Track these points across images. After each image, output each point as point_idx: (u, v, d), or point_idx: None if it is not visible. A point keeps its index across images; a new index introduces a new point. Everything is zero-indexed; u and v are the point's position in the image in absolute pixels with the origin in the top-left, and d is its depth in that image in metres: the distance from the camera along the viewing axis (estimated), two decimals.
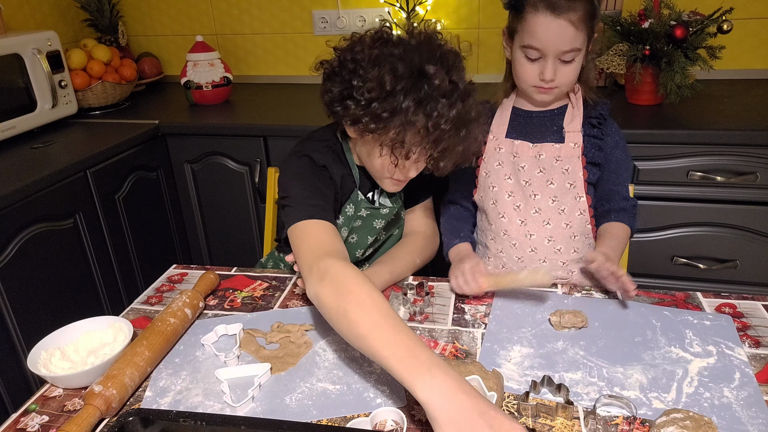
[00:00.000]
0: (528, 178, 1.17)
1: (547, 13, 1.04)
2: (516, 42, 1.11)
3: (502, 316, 1.00)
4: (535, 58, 1.09)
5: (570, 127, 1.16)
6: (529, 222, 1.18)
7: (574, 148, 1.15)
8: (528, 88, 1.14)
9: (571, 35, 1.05)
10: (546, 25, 1.04)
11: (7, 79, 1.75)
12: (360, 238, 1.18)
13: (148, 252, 1.93)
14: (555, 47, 1.06)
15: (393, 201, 1.19)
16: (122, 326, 0.96)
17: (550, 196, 1.16)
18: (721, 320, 0.96)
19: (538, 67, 1.09)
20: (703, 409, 0.78)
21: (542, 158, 1.16)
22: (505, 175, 1.18)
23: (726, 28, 1.63)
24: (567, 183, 1.16)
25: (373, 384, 0.86)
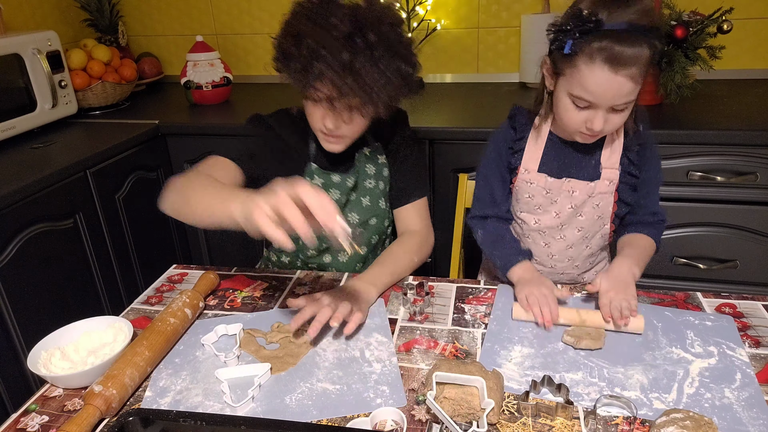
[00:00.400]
0: (558, 211, 1.12)
1: (605, 67, 0.90)
2: (562, 84, 0.99)
3: (502, 316, 1.00)
4: (584, 107, 0.97)
5: (608, 163, 1.08)
6: (553, 245, 1.17)
7: (609, 185, 1.08)
8: (571, 132, 1.04)
9: (630, 90, 0.93)
10: (602, 80, 0.91)
11: (7, 79, 1.75)
12: None
13: (148, 252, 1.93)
14: (609, 102, 0.94)
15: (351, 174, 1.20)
16: (122, 326, 0.96)
17: (577, 227, 1.14)
18: (722, 321, 0.96)
19: (586, 115, 0.98)
20: (703, 409, 0.78)
21: (575, 194, 1.10)
22: (535, 205, 1.14)
23: (726, 28, 1.63)
24: (596, 215, 1.12)
25: (373, 384, 0.86)
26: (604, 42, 0.89)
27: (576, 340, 0.91)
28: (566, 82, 0.98)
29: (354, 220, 1.21)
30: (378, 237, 1.26)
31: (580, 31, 0.91)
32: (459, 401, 0.77)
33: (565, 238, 1.16)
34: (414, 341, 0.95)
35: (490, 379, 0.78)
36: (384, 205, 1.25)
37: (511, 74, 2.23)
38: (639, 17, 0.90)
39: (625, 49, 0.88)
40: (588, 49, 0.91)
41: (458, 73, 2.30)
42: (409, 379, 0.86)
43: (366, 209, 1.22)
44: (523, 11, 2.12)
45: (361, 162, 1.22)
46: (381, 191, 1.24)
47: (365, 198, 1.22)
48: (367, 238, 1.24)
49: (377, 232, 1.25)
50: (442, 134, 1.71)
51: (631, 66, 0.90)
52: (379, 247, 1.29)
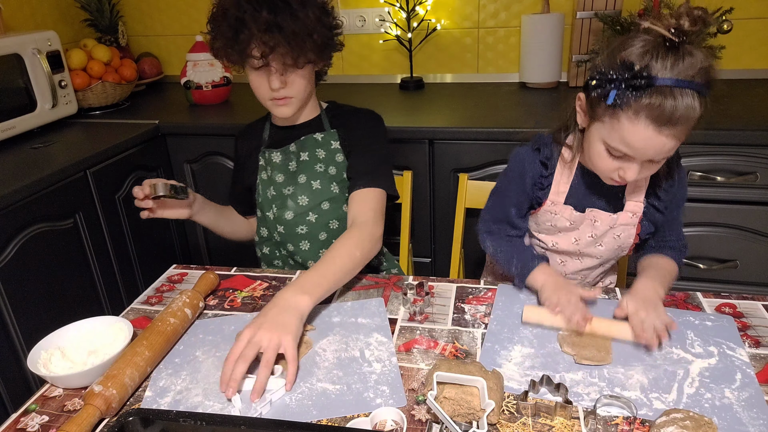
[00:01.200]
0: (578, 238, 1.10)
1: (650, 126, 0.83)
2: (598, 129, 0.92)
3: (503, 316, 1.00)
4: (619, 156, 0.91)
5: (632, 196, 1.04)
6: (569, 264, 1.16)
7: (631, 218, 1.05)
8: (601, 176, 0.99)
9: (671, 147, 0.87)
10: (644, 138, 0.85)
11: (7, 79, 1.75)
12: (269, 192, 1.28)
13: (148, 252, 1.93)
14: (648, 157, 0.89)
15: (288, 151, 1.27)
16: (122, 326, 0.96)
17: (596, 256, 1.13)
18: (722, 321, 0.96)
19: (620, 164, 0.92)
20: (704, 409, 0.78)
21: (597, 224, 1.07)
22: (557, 232, 1.12)
23: (726, 28, 1.63)
24: (616, 245, 1.10)
25: (373, 384, 0.86)
26: (653, 99, 0.82)
27: (575, 352, 0.89)
28: (603, 129, 0.91)
29: (303, 203, 1.26)
30: (338, 222, 1.27)
31: (628, 85, 0.83)
32: (459, 401, 0.77)
33: (582, 261, 1.15)
34: (414, 341, 0.95)
35: (490, 379, 0.78)
36: (338, 191, 1.26)
37: (511, 74, 2.23)
38: (694, 73, 0.83)
39: (674, 109, 0.82)
40: (635, 105, 0.83)
41: (458, 73, 2.30)
42: (409, 379, 0.87)
43: (316, 192, 1.25)
44: (523, 11, 2.13)
45: (311, 145, 1.26)
46: (333, 176, 1.26)
47: (315, 181, 1.25)
48: (323, 223, 1.27)
49: (334, 216, 1.27)
50: (442, 134, 1.72)
51: (678, 125, 0.84)
52: None
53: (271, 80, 1.15)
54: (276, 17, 1.07)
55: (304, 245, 1.27)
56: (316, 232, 1.26)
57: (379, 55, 2.33)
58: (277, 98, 1.18)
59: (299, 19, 1.09)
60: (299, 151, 1.26)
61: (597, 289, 1.02)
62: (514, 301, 1.04)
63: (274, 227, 1.28)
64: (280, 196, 1.26)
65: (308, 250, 1.28)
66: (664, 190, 1.04)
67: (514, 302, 1.04)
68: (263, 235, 1.33)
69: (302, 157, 1.26)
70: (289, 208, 1.26)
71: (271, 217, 1.28)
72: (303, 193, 1.25)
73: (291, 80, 1.16)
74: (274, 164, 1.28)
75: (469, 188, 1.47)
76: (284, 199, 1.26)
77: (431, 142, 1.74)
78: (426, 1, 2.15)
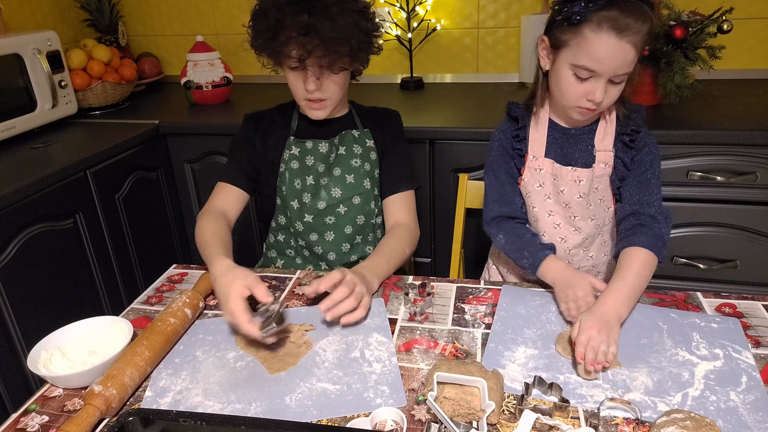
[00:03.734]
0: (568, 201, 1.13)
1: (612, 33, 0.94)
2: (563, 57, 1.02)
3: (507, 317, 1.00)
4: (586, 78, 1.00)
5: (601, 145, 1.10)
6: (569, 238, 1.17)
7: (605, 168, 1.10)
8: (570, 108, 1.06)
9: (632, 58, 0.97)
10: (609, 46, 0.95)
11: (7, 79, 1.75)
12: (301, 181, 1.27)
13: (148, 252, 1.93)
14: (612, 70, 0.97)
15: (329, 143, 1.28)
16: (122, 326, 0.96)
17: (589, 216, 1.15)
18: (728, 323, 0.95)
19: (587, 87, 1.01)
20: (708, 412, 0.77)
21: (582, 183, 1.11)
22: (545, 195, 1.15)
23: (726, 28, 1.63)
24: (598, 199, 1.13)
25: (373, 384, 0.86)
26: (612, 11, 0.94)
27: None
28: (570, 53, 1.00)
29: (337, 195, 1.27)
30: (364, 218, 1.30)
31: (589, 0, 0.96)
32: (459, 401, 0.77)
33: (580, 230, 1.16)
34: (414, 341, 0.95)
35: (490, 379, 0.78)
36: (369, 186, 1.29)
37: (511, 74, 2.23)
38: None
39: (630, 18, 0.94)
40: (596, 17, 0.95)
41: (458, 73, 2.30)
42: (409, 379, 0.86)
43: (349, 186, 1.27)
44: (523, 11, 2.13)
45: (349, 140, 1.29)
46: (366, 172, 1.29)
47: (350, 175, 1.27)
48: (351, 217, 1.28)
49: (362, 212, 1.29)
50: (442, 134, 1.72)
51: (635, 33, 0.95)
52: (368, 230, 1.32)
53: (307, 82, 1.16)
54: (315, 21, 1.08)
55: (328, 236, 1.29)
56: (343, 225, 1.29)
57: (380, 55, 2.33)
58: (311, 99, 1.19)
59: (337, 23, 1.09)
60: (339, 144, 1.28)
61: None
62: (518, 302, 1.04)
63: (298, 216, 1.28)
64: (316, 185, 1.27)
65: (332, 241, 1.29)
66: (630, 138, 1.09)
67: (518, 303, 1.04)
68: (280, 222, 1.32)
69: (340, 150, 1.28)
70: (322, 198, 1.27)
71: (296, 207, 1.27)
72: (337, 185, 1.27)
73: (326, 84, 1.17)
74: (318, 154, 1.27)
75: (469, 188, 1.47)
76: (319, 189, 1.27)
77: (431, 142, 1.74)
78: (426, 1, 2.16)
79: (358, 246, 1.30)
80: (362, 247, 1.31)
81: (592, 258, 1.21)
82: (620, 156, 1.10)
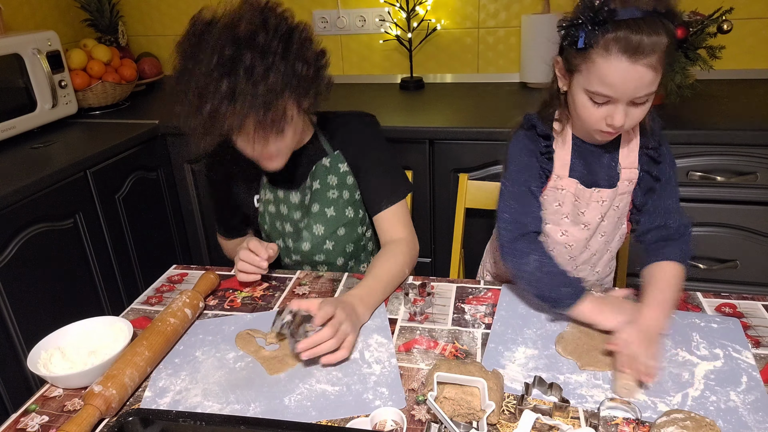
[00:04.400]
0: (588, 222, 1.09)
1: (622, 58, 0.86)
2: (577, 82, 0.94)
3: (507, 317, 1.00)
4: (603, 102, 0.92)
5: (626, 162, 1.04)
6: (578, 257, 1.15)
7: (628, 186, 1.05)
8: (590, 130, 0.99)
9: (650, 80, 0.88)
10: (621, 71, 0.87)
11: (7, 79, 1.75)
12: (281, 224, 1.23)
13: (148, 252, 1.93)
14: (630, 94, 0.89)
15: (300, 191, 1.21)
16: (122, 326, 0.96)
17: (601, 233, 1.11)
18: (728, 323, 0.95)
19: (606, 111, 0.93)
20: (708, 412, 0.77)
21: (604, 204, 1.06)
22: (563, 215, 1.09)
23: (726, 28, 1.63)
24: (616, 217, 1.09)
25: (372, 386, 0.86)
26: (619, 32, 0.85)
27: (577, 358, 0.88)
28: (582, 78, 0.93)
29: (319, 232, 1.20)
30: (353, 245, 1.24)
31: (593, 22, 0.87)
32: (459, 401, 0.77)
33: (590, 247, 1.13)
34: (414, 341, 0.95)
35: (490, 379, 0.78)
36: (352, 214, 1.21)
37: (511, 74, 2.23)
38: (655, 2, 0.86)
39: (642, 38, 0.84)
40: (603, 40, 0.87)
41: (458, 73, 2.30)
42: (409, 379, 0.86)
43: (331, 220, 1.20)
44: (523, 11, 2.12)
45: (321, 173, 1.19)
46: (347, 200, 1.20)
47: (329, 209, 1.19)
48: (341, 249, 1.23)
49: (350, 240, 1.23)
50: (442, 134, 1.71)
51: (650, 54, 0.85)
52: (359, 251, 1.27)
53: (252, 148, 1.04)
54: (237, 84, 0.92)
55: (321, 268, 1.25)
56: (334, 258, 1.24)
57: (379, 55, 2.33)
58: (261, 158, 1.08)
59: (265, 85, 0.93)
60: (311, 180, 1.19)
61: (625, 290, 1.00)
62: (518, 302, 1.04)
63: (287, 254, 1.25)
64: (296, 230, 1.22)
65: (327, 269, 1.26)
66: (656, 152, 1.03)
67: (518, 303, 1.04)
68: None
69: (314, 186, 1.19)
70: (305, 240, 1.21)
71: (282, 246, 1.24)
72: (317, 222, 1.20)
73: (273, 141, 1.03)
74: (291, 204, 1.21)
75: (469, 188, 1.47)
76: (299, 231, 1.21)
77: (431, 142, 1.74)
78: (426, 1, 2.15)
79: (353, 269, 1.28)
80: (356, 268, 1.29)
81: (597, 273, 1.20)
82: (646, 169, 1.04)
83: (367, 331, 0.98)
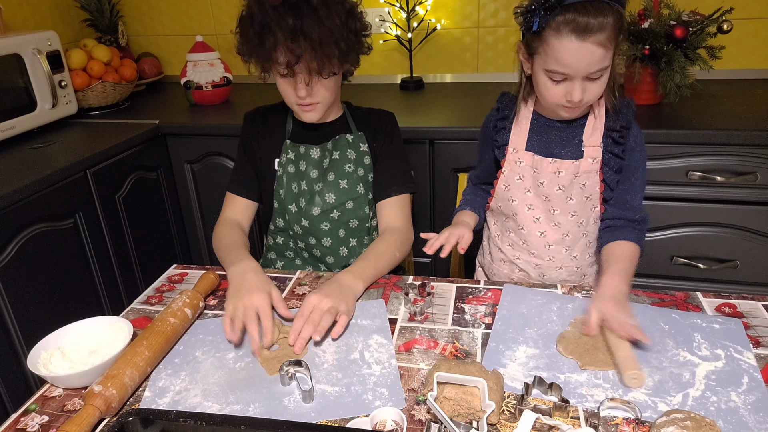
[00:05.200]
0: (547, 194, 1.14)
1: (572, 37, 0.95)
2: (537, 63, 1.04)
3: (508, 316, 1.00)
4: (561, 80, 1.02)
5: (590, 141, 1.10)
6: (549, 233, 1.17)
7: (592, 163, 1.10)
8: (554, 107, 1.08)
9: (600, 56, 0.97)
10: (572, 50, 0.96)
11: (7, 79, 1.75)
12: (297, 185, 1.27)
13: (148, 252, 1.93)
14: (582, 71, 0.99)
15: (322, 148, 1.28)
16: (122, 326, 0.96)
17: (569, 211, 1.15)
18: (730, 324, 0.95)
19: (564, 88, 1.02)
20: (709, 412, 0.77)
21: (562, 175, 1.12)
22: (525, 188, 1.16)
23: (726, 28, 1.63)
24: (584, 197, 1.13)
25: (372, 386, 0.86)
26: (568, 15, 0.95)
27: (577, 357, 0.88)
28: (541, 59, 1.02)
29: (330, 200, 1.26)
30: (358, 222, 1.29)
31: (545, 8, 0.97)
32: (459, 401, 0.77)
33: (559, 225, 1.16)
34: (414, 341, 0.95)
35: (490, 379, 0.78)
36: (363, 191, 1.28)
37: (512, 73, 2.20)
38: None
39: (589, 19, 0.94)
40: (554, 23, 0.97)
41: (458, 72, 2.30)
42: (409, 379, 0.86)
43: (343, 191, 1.27)
44: None
45: (342, 145, 1.27)
46: (360, 177, 1.28)
47: (343, 180, 1.27)
48: (345, 221, 1.28)
49: (355, 216, 1.29)
50: (442, 134, 1.72)
51: (597, 33, 0.95)
52: (362, 233, 1.31)
53: (298, 89, 1.14)
54: (302, 24, 1.05)
55: (325, 241, 1.29)
56: (337, 229, 1.28)
57: (379, 55, 2.33)
58: (303, 104, 1.18)
59: (325, 26, 1.06)
60: (332, 149, 1.27)
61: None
62: (519, 301, 1.04)
63: (296, 220, 1.28)
64: (310, 191, 1.27)
65: (329, 246, 1.29)
66: (619, 134, 1.09)
67: (520, 302, 1.04)
68: (279, 225, 1.33)
69: (334, 155, 1.27)
70: (317, 204, 1.26)
71: (294, 210, 1.28)
72: (330, 190, 1.26)
73: (317, 89, 1.15)
74: (311, 159, 1.27)
75: None
76: (313, 194, 1.27)
77: (431, 142, 1.74)
78: (426, 1, 2.15)
79: (354, 249, 1.30)
80: (358, 250, 1.31)
81: (576, 259, 1.21)
82: (611, 150, 1.11)
83: (367, 332, 0.98)
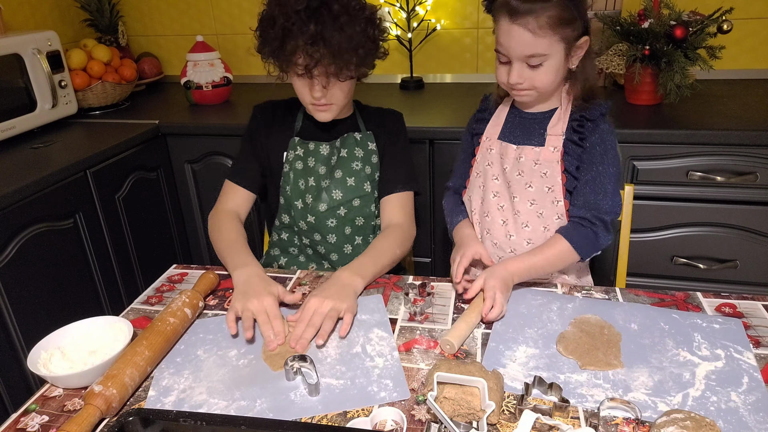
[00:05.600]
0: (509, 180, 1.16)
1: (506, 18, 1.03)
2: None
3: (508, 316, 1.00)
4: (505, 62, 1.08)
5: (552, 130, 1.13)
6: (510, 223, 1.17)
7: (553, 152, 1.12)
8: (505, 88, 1.14)
9: (528, 41, 1.02)
10: (505, 30, 1.04)
11: (7, 79, 1.75)
12: (304, 182, 1.28)
13: (148, 252, 1.93)
14: (515, 52, 1.05)
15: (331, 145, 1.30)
16: (122, 326, 0.96)
17: (528, 200, 1.14)
18: (730, 324, 0.95)
19: (507, 69, 1.08)
20: (709, 412, 0.77)
21: (522, 161, 1.14)
22: (493, 175, 1.18)
23: (726, 28, 1.63)
24: (545, 187, 1.13)
25: (376, 378, 0.86)
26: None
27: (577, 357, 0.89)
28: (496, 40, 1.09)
29: (337, 197, 1.27)
30: (364, 220, 1.31)
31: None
32: (459, 401, 0.77)
33: (519, 213, 1.15)
34: (414, 341, 0.96)
35: (490, 379, 0.78)
36: (369, 189, 1.30)
37: None
38: None
39: (519, 3, 1.00)
40: (496, 5, 1.05)
41: (458, 73, 2.30)
42: (409, 379, 0.86)
43: (350, 189, 1.28)
44: None
45: (351, 143, 1.29)
46: (367, 175, 1.29)
47: (350, 178, 1.28)
48: (351, 218, 1.29)
49: (361, 214, 1.30)
50: (442, 134, 1.72)
51: (526, 16, 1.00)
52: (368, 231, 1.32)
53: (313, 89, 1.16)
54: (323, 30, 1.08)
55: (330, 238, 1.29)
56: (343, 226, 1.29)
57: None
58: (317, 104, 1.20)
59: (346, 33, 1.09)
60: (341, 147, 1.29)
61: None
62: (519, 301, 1.04)
63: (302, 216, 1.29)
64: (317, 187, 1.28)
65: (334, 243, 1.30)
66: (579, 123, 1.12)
67: (520, 302, 1.04)
68: (284, 221, 1.33)
69: (342, 153, 1.29)
70: (323, 201, 1.27)
71: (300, 207, 1.28)
72: (338, 187, 1.28)
73: (332, 90, 1.18)
74: (319, 156, 1.28)
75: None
76: (320, 191, 1.27)
77: (431, 142, 1.74)
78: (426, 1, 2.16)
79: (359, 247, 1.31)
80: (363, 248, 1.31)
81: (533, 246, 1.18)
82: (570, 138, 1.11)
83: (368, 326, 0.99)
